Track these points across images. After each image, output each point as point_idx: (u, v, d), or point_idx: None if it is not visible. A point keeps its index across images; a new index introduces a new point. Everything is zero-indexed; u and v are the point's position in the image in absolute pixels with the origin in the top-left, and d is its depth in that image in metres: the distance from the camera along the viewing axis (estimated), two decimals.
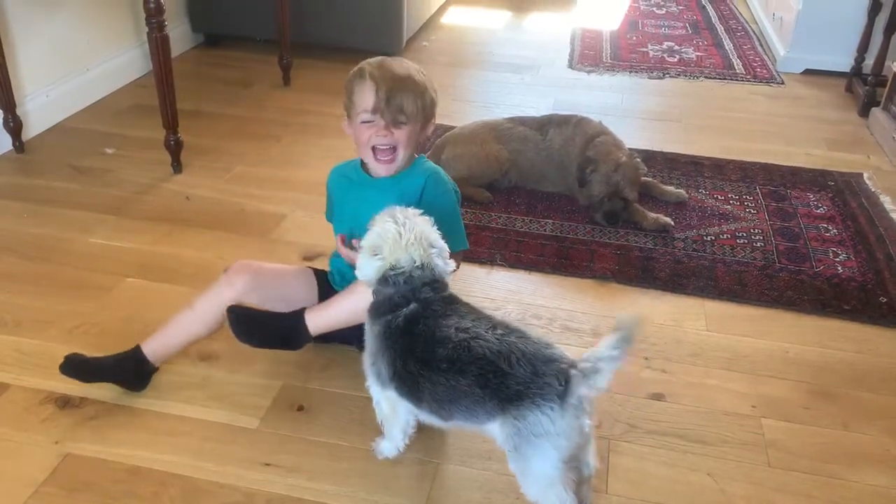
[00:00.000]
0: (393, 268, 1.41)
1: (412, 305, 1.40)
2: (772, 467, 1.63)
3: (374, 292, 1.46)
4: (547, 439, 1.28)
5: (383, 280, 1.42)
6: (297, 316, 1.66)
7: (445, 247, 1.45)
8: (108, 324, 1.95)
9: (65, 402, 1.71)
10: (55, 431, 1.63)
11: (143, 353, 1.71)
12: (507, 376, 1.30)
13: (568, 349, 1.93)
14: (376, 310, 1.45)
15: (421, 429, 1.67)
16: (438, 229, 1.45)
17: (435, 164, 1.76)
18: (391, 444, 1.59)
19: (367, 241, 1.44)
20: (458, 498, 1.52)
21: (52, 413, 1.68)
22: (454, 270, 1.47)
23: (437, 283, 1.42)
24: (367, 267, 1.44)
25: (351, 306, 1.63)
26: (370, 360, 1.48)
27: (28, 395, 1.73)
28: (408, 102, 1.61)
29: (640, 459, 1.64)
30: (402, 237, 1.40)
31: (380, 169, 1.69)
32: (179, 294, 2.06)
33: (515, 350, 1.32)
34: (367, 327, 1.49)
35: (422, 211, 1.46)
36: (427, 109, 1.66)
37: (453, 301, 1.44)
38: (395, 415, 1.54)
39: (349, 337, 1.72)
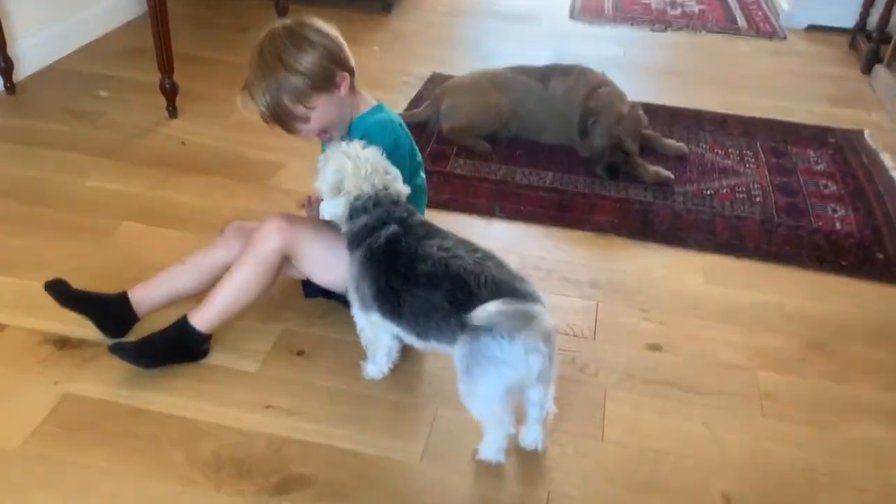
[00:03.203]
0: (358, 197, 1.47)
1: (392, 227, 1.47)
2: (766, 417, 1.65)
3: (348, 229, 1.52)
4: (494, 364, 1.34)
5: (353, 212, 1.49)
6: (181, 325, 1.63)
7: (398, 172, 1.53)
8: (105, 267, 1.93)
9: (63, 343, 1.70)
10: (54, 372, 1.63)
11: (130, 300, 1.69)
12: (472, 295, 1.35)
13: (567, 300, 1.96)
14: (354, 239, 1.51)
15: (419, 375, 1.68)
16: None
17: (388, 117, 1.69)
18: (375, 367, 1.65)
19: (326, 180, 1.50)
20: (457, 441, 1.53)
21: (51, 354, 1.68)
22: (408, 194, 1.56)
23: (404, 204, 1.52)
24: (334, 206, 1.50)
25: (233, 287, 1.62)
26: (353, 285, 1.53)
27: (26, 335, 1.72)
28: (284, 105, 1.58)
29: (637, 408, 1.65)
30: (360, 168, 1.47)
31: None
32: (177, 239, 2.05)
33: (486, 273, 1.38)
34: (349, 259, 1.54)
35: (365, 142, 1.53)
36: (313, 80, 1.57)
37: (433, 226, 1.52)
38: (378, 340, 1.60)
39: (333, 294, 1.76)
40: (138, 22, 3.38)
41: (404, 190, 1.54)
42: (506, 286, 1.36)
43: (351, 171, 1.47)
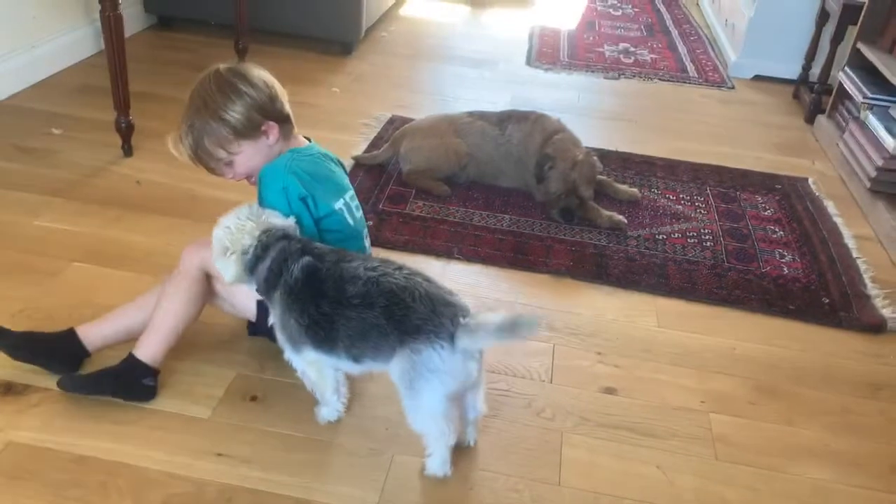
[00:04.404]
0: (245, 251, 1.50)
1: (304, 258, 1.49)
2: (719, 460, 1.67)
3: (256, 279, 1.53)
4: (436, 375, 1.40)
5: (251, 264, 1.51)
6: (128, 362, 1.63)
7: (275, 212, 1.57)
8: (53, 309, 1.88)
9: (7, 389, 1.65)
10: None
11: (77, 334, 1.68)
12: (409, 310, 1.40)
13: (524, 343, 1.97)
14: (266, 284, 1.52)
15: (375, 420, 1.67)
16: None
17: (280, 164, 1.65)
18: (329, 408, 1.64)
19: (213, 250, 1.54)
20: (412, 488, 1.52)
21: None
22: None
23: (296, 236, 1.54)
24: (228, 267, 1.52)
25: (161, 311, 1.64)
26: (280, 326, 1.54)
27: None
28: (205, 148, 1.62)
29: (592, 452, 1.66)
30: (234, 225, 1.52)
31: None
32: (129, 280, 2.01)
33: (419, 287, 1.42)
34: (269, 305, 1.55)
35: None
36: (235, 128, 1.60)
37: (342, 250, 1.55)
38: (323, 377, 1.59)
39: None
40: (93, 60, 3.35)
41: (288, 222, 1.56)
42: (439, 299, 1.41)
43: (231, 230, 1.52)
